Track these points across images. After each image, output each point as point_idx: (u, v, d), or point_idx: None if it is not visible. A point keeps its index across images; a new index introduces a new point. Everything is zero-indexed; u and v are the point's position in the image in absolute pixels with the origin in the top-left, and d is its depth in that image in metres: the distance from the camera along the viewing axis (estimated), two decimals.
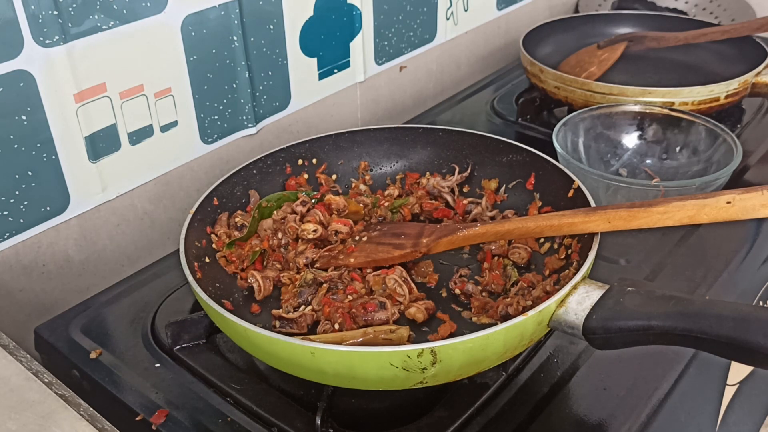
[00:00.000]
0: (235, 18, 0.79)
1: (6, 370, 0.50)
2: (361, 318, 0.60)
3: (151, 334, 0.65)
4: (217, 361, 0.61)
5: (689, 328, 0.46)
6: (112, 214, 0.77)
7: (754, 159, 0.89)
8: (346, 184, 0.79)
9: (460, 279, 0.66)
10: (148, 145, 0.77)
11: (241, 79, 0.83)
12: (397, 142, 0.79)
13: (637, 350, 0.50)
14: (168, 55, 0.75)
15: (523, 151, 0.73)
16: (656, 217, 0.55)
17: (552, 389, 0.58)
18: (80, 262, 0.76)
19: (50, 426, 0.45)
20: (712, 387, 0.76)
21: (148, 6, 0.71)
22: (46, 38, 0.64)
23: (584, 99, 0.92)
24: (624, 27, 1.14)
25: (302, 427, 0.54)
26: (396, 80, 1.07)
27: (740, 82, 0.90)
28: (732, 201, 0.52)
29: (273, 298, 0.65)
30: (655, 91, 0.88)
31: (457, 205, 0.75)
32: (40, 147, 0.67)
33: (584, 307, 0.51)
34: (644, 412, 0.56)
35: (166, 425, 0.56)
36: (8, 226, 0.68)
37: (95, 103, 0.70)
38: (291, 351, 0.50)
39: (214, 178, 0.75)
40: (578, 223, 0.58)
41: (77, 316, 0.68)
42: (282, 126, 0.92)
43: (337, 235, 0.69)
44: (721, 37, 1.03)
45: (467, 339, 0.48)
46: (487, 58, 1.25)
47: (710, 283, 0.69)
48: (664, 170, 0.85)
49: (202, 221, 0.68)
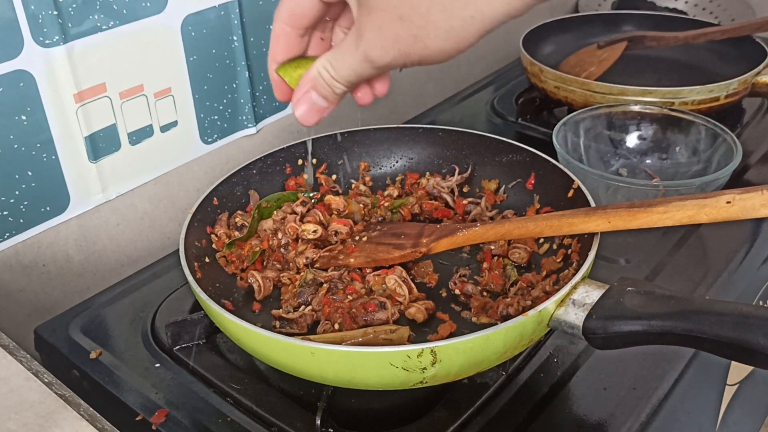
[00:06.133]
0: (235, 18, 0.79)
1: (6, 370, 0.50)
2: (361, 318, 0.60)
3: (151, 334, 0.65)
4: (217, 361, 0.61)
5: (689, 328, 0.46)
6: (112, 214, 0.77)
7: (754, 159, 0.89)
8: (346, 185, 0.79)
9: (460, 279, 0.66)
10: (148, 145, 0.77)
11: (241, 79, 0.83)
12: (397, 142, 0.79)
13: (637, 350, 0.50)
14: (168, 55, 0.75)
15: (523, 151, 0.73)
16: (656, 217, 0.55)
17: (552, 389, 0.58)
18: (80, 262, 0.76)
19: (50, 426, 0.45)
20: (712, 387, 0.76)
21: (148, 6, 0.71)
22: (46, 38, 0.64)
23: (584, 99, 0.92)
24: (624, 27, 1.14)
25: (302, 427, 0.54)
26: (396, 80, 1.06)
27: (740, 82, 0.90)
28: (732, 201, 0.52)
29: (273, 298, 0.65)
30: (655, 91, 0.88)
31: (457, 205, 0.74)
32: (40, 147, 0.67)
33: (584, 307, 0.51)
34: (644, 412, 0.56)
35: (166, 425, 0.56)
36: (8, 226, 0.68)
37: (95, 103, 0.70)
38: (291, 351, 0.50)
39: (214, 178, 0.75)
40: (578, 223, 0.58)
41: (77, 316, 0.68)
42: (282, 126, 0.91)
43: (337, 236, 0.69)
44: (721, 37, 1.03)
45: (467, 339, 0.48)
46: (487, 58, 1.25)
47: (710, 283, 0.69)
48: (664, 170, 0.85)
49: (202, 221, 0.68)
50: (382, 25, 0.46)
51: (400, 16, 0.45)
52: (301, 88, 0.52)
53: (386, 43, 0.46)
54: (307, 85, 0.51)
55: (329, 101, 0.52)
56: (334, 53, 0.49)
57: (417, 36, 0.45)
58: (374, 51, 0.47)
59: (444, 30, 0.44)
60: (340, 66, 0.49)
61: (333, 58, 0.49)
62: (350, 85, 0.51)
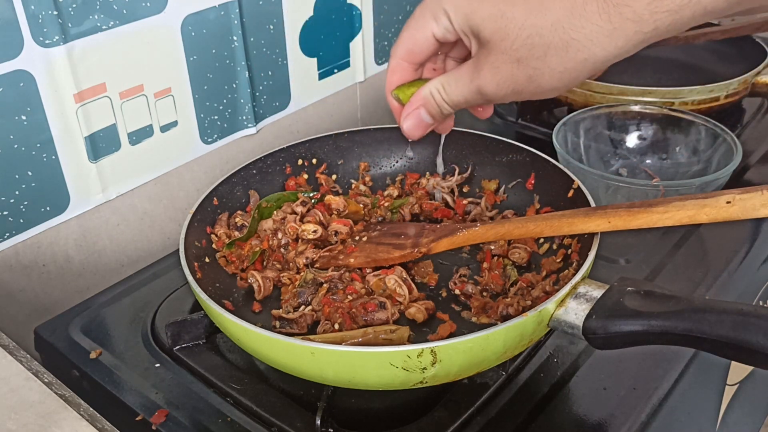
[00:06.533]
0: (235, 18, 0.79)
1: (6, 370, 0.50)
2: (361, 318, 0.60)
3: (151, 334, 0.65)
4: (217, 361, 0.61)
5: (689, 328, 0.46)
6: (112, 214, 0.77)
7: (754, 159, 0.89)
8: (346, 185, 0.79)
9: (460, 279, 0.66)
10: (148, 145, 0.77)
11: (241, 79, 0.83)
12: (397, 142, 0.79)
13: (637, 350, 0.50)
14: (168, 55, 0.75)
15: (523, 151, 0.73)
16: (656, 217, 0.55)
17: (552, 389, 0.58)
18: (80, 262, 0.76)
19: (50, 426, 0.45)
20: (712, 387, 0.76)
21: (148, 6, 0.71)
22: (46, 38, 0.64)
23: (584, 99, 0.92)
24: None
25: (302, 427, 0.54)
26: None
27: (740, 82, 0.90)
28: (732, 201, 0.52)
29: (273, 298, 0.65)
30: (655, 91, 0.88)
31: (457, 205, 0.74)
32: (40, 147, 0.67)
33: (584, 307, 0.51)
34: (644, 412, 0.56)
35: (166, 425, 0.56)
36: (8, 226, 0.68)
37: (95, 103, 0.70)
38: (291, 351, 0.50)
39: (214, 178, 0.75)
40: (578, 223, 0.58)
41: (77, 316, 0.68)
42: (282, 126, 0.92)
43: (337, 236, 0.69)
44: (721, 37, 1.03)
45: (467, 339, 0.48)
46: None
47: (710, 283, 0.69)
48: (664, 170, 0.85)
49: (202, 221, 0.68)
50: (501, 66, 0.49)
51: (518, 59, 0.48)
52: (412, 104, 0.56)
53: (501, 82, 0.50)
54: (418, 102, 0.56)
55: (435, 119, 0.57)
56: (448, 78, 0.54)
57: (531, 77, 0.48)
58: (489, 87, 0.51)
59: (558, 72, 0.48)
60: (452, 91, 0.54)
61: (447, 83, 0.54)
62: (457, 109, 0.55)
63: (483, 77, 0.50)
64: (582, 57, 0.47)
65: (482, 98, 0.52)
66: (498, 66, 0.49)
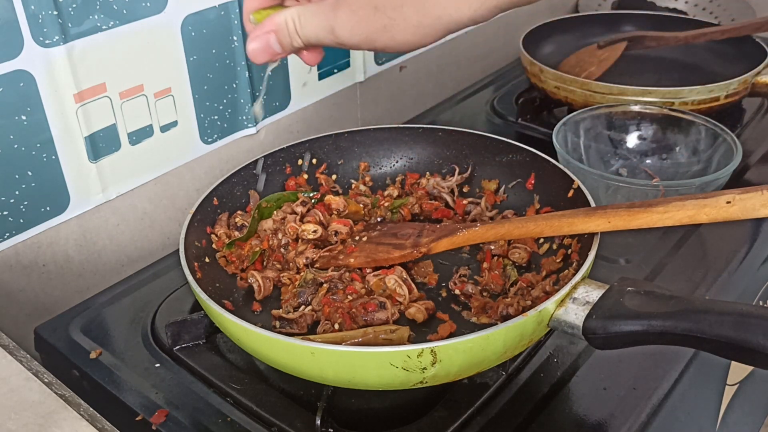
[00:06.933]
0: (235, 18, 0.79)
1: (6, 370, 0.50)
2: (361, 318, 0.60)
3: (151, 334, 0.65)
4: (217, 361, 0.61)
5: (689, 328, 0.46)
6: (112, 214, 0.77)
7: (754, 159, 0.89)
8: (346, 185, 0.79)
9: (460, 279, 0.66)
10: (148, 145, 0.77)
11: (241, 79, 0.83)
12: (397, 142, 0.79)
13: (637, 350, 0.50)
14: (168, 55, 0.75)
15: (523, 151, 0.73)
16: (656, 217, 0.55)
17: (552, 389, 0.58)
18: (80, 262, 0.76)
19: (50, 426, 0.45)
20: (712, 387, 0.76)
21: (148, 6, 0.71)
22: (46, 38, 0.64)
23: (584, 99, 0.92)
24: (624, 27, 1.14)
25: (302, 427, 0.54)
26: (396, 80, 1.07)
27: (740, 82, 0.90)
28: (732, 201, 0.52)
29: (273, 298, 0.65)
30: (655, 91, 0.88)
31: (457, 205, 0.74)
32: (40, 147, 0.67)
33: (584, 307, 0.51)
34: (644, 412, 0.56)
35: (166, 425, 0.56)
36: (8, 226, 0.68)
37: (95, 103, 0.70)
38: (291, 351, 0.50)
39: (214, 178, 0.75)
40: (578, 223, 0.58)
41: (77, 316, 0.68)
42: (282, 126, 0.92)
43: (337, 236, 0.69)
44: (721, 37, 1.03)
45: (467, 339, 0.48)
46: (487, 58, 1.25)
47: (710, 283, 0.69)
48: (664, 170, 0.85)
49: (202, 221, 0.68)
50: (357, 11, 0.49)
51: (376, 7, 0.49)
52: (264, 27, 0.54)
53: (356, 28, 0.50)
54: (270, 26, 0.54)
55: (283, 50, 0.55)
56: (305, 11, 0.52)
57: (386, 27, 0.49)
58: (343, 30, 0.50)
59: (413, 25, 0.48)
60: (306, 25, 0.52)
61: (303, 15, 0.52)
62: (308, 45, 0.54)
63: (339, 18, 0.50)
64: (436, 14, 0.48)
65: (334, 40, 0.51)
66: (355, 10, 0.49)
